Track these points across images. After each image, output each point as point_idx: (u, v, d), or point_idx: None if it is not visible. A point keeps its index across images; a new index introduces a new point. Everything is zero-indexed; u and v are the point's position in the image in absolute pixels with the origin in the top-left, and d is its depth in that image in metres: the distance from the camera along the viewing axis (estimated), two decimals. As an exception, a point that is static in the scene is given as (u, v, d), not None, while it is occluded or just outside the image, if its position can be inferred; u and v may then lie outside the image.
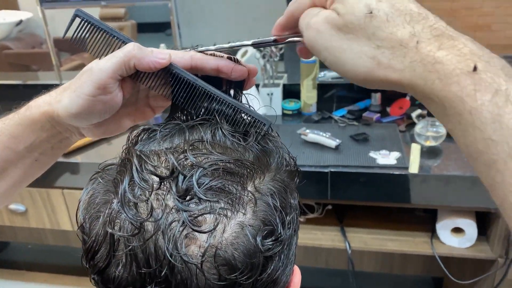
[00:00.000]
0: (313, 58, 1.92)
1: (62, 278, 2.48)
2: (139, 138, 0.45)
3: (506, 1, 3.32)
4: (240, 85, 0.49)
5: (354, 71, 0.38)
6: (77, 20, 0.47)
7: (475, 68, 0.33)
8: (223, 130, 0.42)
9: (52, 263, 2.51)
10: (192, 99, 0.46)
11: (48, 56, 2.88)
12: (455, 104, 0.33)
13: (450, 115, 0.34)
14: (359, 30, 0.37)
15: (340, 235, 1.76)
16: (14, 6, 3.78)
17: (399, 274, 2.06)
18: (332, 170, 1.58)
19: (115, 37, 0.46)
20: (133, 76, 0.46)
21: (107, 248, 0.37)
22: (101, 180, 0.42)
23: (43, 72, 3.19)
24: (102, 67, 0.43)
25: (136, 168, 0.38)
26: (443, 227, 1.66)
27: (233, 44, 0.49)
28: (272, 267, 0.39)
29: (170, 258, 0.35)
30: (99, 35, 0.46)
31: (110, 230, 0.37)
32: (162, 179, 0.37)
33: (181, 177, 0.37)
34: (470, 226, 1.62)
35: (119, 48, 0.46)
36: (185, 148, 0.40)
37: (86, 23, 0.46)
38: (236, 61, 0.47)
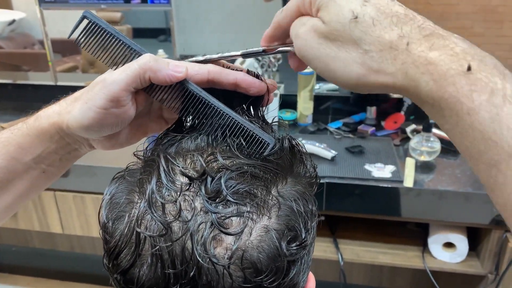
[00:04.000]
0: (311, 70, 1.95)
1: (45, 282, 2.43)
2: (162, 142, 0.45)
3: (497, 23, 3.40)
4: (258, 101, 0.47)
5: (345, 78, 0.37)
6: (85, 21, 0.45)
7: (469, 68, 0.32)
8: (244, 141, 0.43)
9: (36, 266, 2.46)
10: (202, 117, 0.44)
11: (40, 57, 2.85)
12: (452, 106, 0.33)
13: (447, 116, 0.33)
14: (345, 36, 0.36)
15: (332, 247, 1.76)
16: (7, 5, 3.74)
17: (387, 288, 2.07)
18: (328, 181, 1.59)
19: (125, 44, 0.45)
20: (146, 89, 0.44)
21: (132, 247, 0.37)
22: (125, 181, 0.42)
23: (35, 72, 3.15)
24: (116, 79, 0.41)
25: (164, 169, 0.38)
26: (435, 242, 1.68)
27: (222, 54, 0.47)
28: (294, 271, 0.39)
29: (199, 259, 0.35)
30: (107, 40, 0.45)
31: (139, 230, 0.37)
32: (191, 180, 0.38)
33: (209, 179, 0.37)
34: (461, 241, 1.64)
35: (130, 56, 0.44)
36: (213, 150, 0.41)
37: (94, 26, 0.45)
38: (256, 76, 0.46)
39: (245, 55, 0.46)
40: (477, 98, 0.32)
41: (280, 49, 0.45)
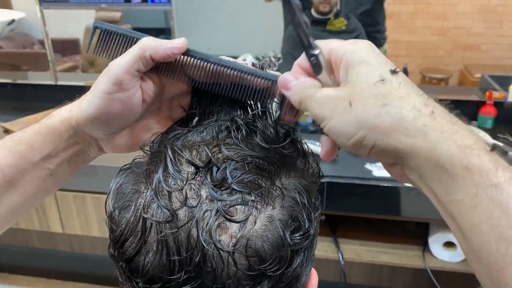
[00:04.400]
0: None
1: (45, 282, 2.43)
2: (168, 136, 0.45)
3: (496, 23, 3.41)
4: (264, 94, 0.47)
5: (345, 133, 0.36)
6: (97, 31, 0.47)
7: (493, 148, 0.33)
8: (252, 128, 0.43)
9: (36, 266, 2.46)
10: (212, 80, 0.45)
11: (40, 56, 2.85)
12: (475, 177, 0.32)
13: (467, 186, 0.33)
14: (366, 93, 0.36)
15: (333, 246, 1.76)
16: (7, 5, 3.75)
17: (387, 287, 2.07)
18: (328, 180, 1.59)
19: (135, 38, 0.46)
20: (154, 70, 0.45)
21: (137, 235, 0.38)
22: (132, 172, 0.43)
23: (35, 72, 3.16)
24: (118, 63, 0.42)
25: (170, 159, 0.39)
26: (435, 241, 1.68)
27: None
28: (297, 261, 0.40)
29: (204, 245, 0.35)
30: (121, 41, 0.46)
31: (145, 216, 0.37)
32: (198, 168, 0.38)
33: (215, 168, 0.38)
34: (462, 241, 1.64)
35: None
36: (218, 142, 0.41)
37: (106, 33, 0.47)
38: (261, 68, 0.46)
39: None
40: (501, 174, 0.32)
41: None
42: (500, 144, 0.33)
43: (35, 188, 0.48)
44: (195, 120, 0.47)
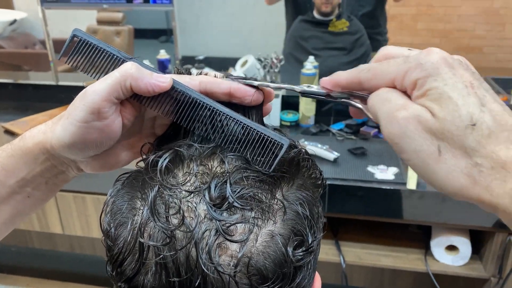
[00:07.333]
0: (314, 71, 1.94)
1: (45, 283, 2.42)
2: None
3: (498, 25, 3.40)
4: (256, 111, 0.44)
5: (446, 184, 0.33)
6: (75, 40, 0.42)
7: None
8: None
9: (36, 266, 2.45)
10: (200, 120, 0.41)
11: (41, 57, 2.84)
12: None
13: None
14: (456, 141, 0.32)
15: (334, 249, 1.75)
16: (9, 5, 3.75)
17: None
18: (330, 183, 1.58)
19: (115, 56, 0.42)
20: (135, 98, 0.41)
21: (136, 256, 0.37)
22: (128, 184, 0.41)
23: (36, 72, 3.15)
24: (96, 89, 0.38)
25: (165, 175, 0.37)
26: (437, 244, 1.67)
27: (281, 85, 0.43)
28: (301, 276, 0.39)
29: (204, 268, 0.34)
30: (99, 56, 0.42)
31: (142, 240, 0.36)
32: (193, 186, 0.37)
33: (213, 185, 0.36)
34: (464, 244, 1.63)
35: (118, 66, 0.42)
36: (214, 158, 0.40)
37: (85, 45, 0.42)
38: (251, 85, 0.43)
39: (304, 94, 0.43)
40: None
41: (348, 102, 0.41)
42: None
43: (13, 211, 0.46)
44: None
